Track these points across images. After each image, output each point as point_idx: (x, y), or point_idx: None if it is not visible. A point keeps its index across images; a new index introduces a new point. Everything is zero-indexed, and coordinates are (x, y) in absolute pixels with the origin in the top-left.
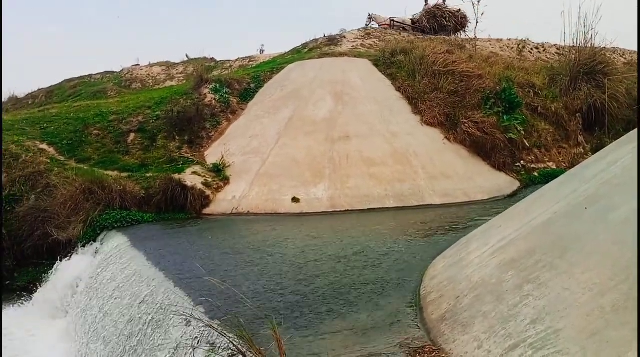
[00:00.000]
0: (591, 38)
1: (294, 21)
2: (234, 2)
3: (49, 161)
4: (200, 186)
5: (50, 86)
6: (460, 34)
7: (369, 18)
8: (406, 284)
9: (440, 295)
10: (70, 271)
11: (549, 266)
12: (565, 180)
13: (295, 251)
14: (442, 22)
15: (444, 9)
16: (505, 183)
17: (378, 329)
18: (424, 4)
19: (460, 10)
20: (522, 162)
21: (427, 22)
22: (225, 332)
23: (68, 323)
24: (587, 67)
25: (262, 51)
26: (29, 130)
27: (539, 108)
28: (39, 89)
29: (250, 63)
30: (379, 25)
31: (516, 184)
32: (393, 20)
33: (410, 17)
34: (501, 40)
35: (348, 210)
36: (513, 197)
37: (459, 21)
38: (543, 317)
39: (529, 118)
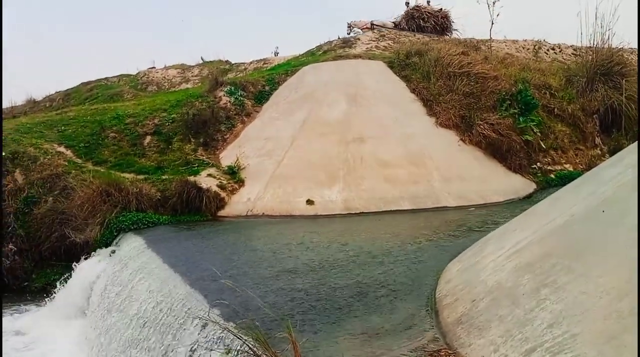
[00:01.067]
0: (608, 39)
1: (308, 23)
2: (248, 5)
3: (66, 164)
4: (215, 188)
5: (67, 89)
6: (446, 33)
7: (349, 26)
8: (421, 287)
9: (455, 298)
10: (87, 273)
11: (566, 270)
12: (582, 182)
13: (310, 253)
14: (419, 23)
15: (422, 10)
16: (521, 185)
17: (393, 333)
18: (405, 5)
19: (441, 9)
20: (538, 164)
21: (406, 23)
22: (241, 334)
23: (86, 324)
24: (604, 68)
25: (276, 53)
26: (46, 133)
27: (556, 109)
28: (56, 92)
29: (265, 65)
30: (362, 31)
31: (532, 186)
32: (373, 24)
33: (392, 20)
34: (517, 41)
35: (362, 212)
36: (529, 199)
37: (439, 21)
38: (560, 321)
39: (545, 119)
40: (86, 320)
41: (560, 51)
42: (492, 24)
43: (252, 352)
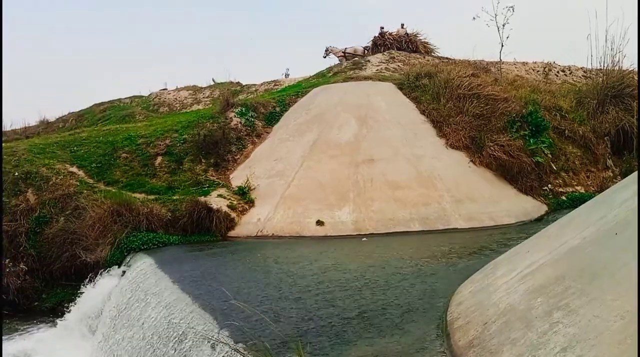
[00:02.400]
0: (619, 61)
1: (319, 45)
2: (259, 26)
3: (78, 184)
4: (225, 209)
5: (80, 110)
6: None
7: (326, 51)
8: (432, 309)
9: (467, 321)
10: (97, 293)
11: (579, 293)
12: (594, 205)
13: (320, 274)
14: (383, 49)
15: (387, 35)
16: (532, 207)
17: (404, 355)
18: (380, 29)
19: (407, 34)
20: (549, 186)
21: (372, 49)
22: (250, 356)
23: (96, 344)
24: (615, 90)
25: (287, 75)
26: (59, 153)
27: (566, 131)
28: (69, 113)
29: (276, 87)
30: (337, 57)
31: (543, 208)
32: (346, 51)
33: (363, 46)
34: (527, 63)
35: (373, 233)
36: (540, 222)
37: (402, 45)
38: (573, 345)
39: (556, 141)
40: (96, 340)
41: (570, 73)
42: (502, 46)
43: None
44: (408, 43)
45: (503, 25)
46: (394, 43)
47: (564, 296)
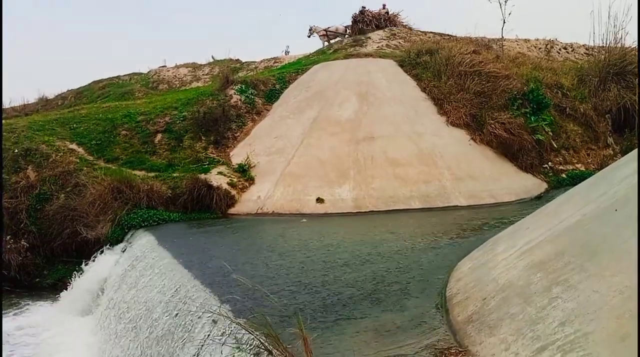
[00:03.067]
0: (621, 38)
1: (319, 22)
2: (259, 3)
3: (78, 161)
4: (225, 186)
5: (79, 87)
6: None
7: (310, 30)
8: (431, 285)
9: (466, 297)
10: (99, 269)
11: (579, 268)
12: (594, 182)
13: (320, 250)
14: (362, 27)
15: (366, 13)
16: (532, 185)
17: (403, 330)
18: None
19: (387, 12)
20: (549, 163)
21: (352, 27)
22: (252, 330)
23: (97, 320)
24: (617, 67)
25: (287, 52)
26: (59, 131)
27: (567, 109)
28: (68, 90)
29: (276, 64)
30: (319, 36)
31: (544, 186)
32: (328, 30)
33: (344, 25)
34: (529, 40)
35: (373, 211)
36: (540, 199)
37: (381, 24)
38: (572, 319)
39: (557, 119)
40: (96, 316)
41: (572, 50)
42: (504, 22)
43: (262, 347)
44: (387, 21)
45: (505, 2)
46: (373, 21)
47: (563, 271)
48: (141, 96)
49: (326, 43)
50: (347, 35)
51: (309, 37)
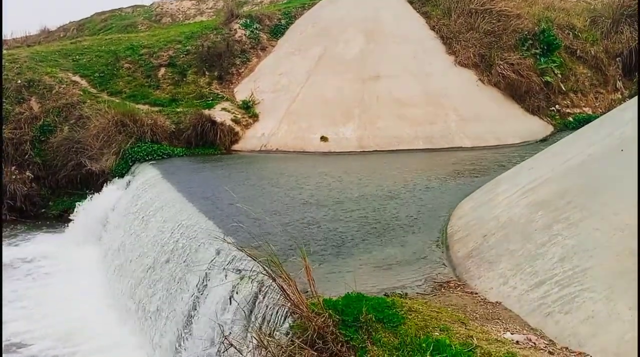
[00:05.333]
0: None
1: None
2: None
3: (81, 93)
4: (229, 122)
5: (81, 19)
6: None
7: None
8: (433, 223)
9: (467, 234)
10: (104, 200)
11: (580, 207)
12: (601, 123)
13: (324, 188)
14: None
15: None
16: (538, 127)
17: (404, 264)
18: None
19: None
20: (557, 106)
21: None
22: (255, 256)
23: (102, 249)
24: (630, 9)
25: None
26: (61, 62)
27: (578, 51)
28: (70, 22)
29: None
30: None
31: (550, 129)
32: None
33: None
34: None
35: (377, 150)
36: (545, 142)
37: None
38: (571, 256)
39: (567, 61)
40: (102, 245)
41: None
42: None
43: (266, 274)
44: None
45: None
46: None
47: (565, 209)
48: (144, 29)
49: None
50: None
51: None
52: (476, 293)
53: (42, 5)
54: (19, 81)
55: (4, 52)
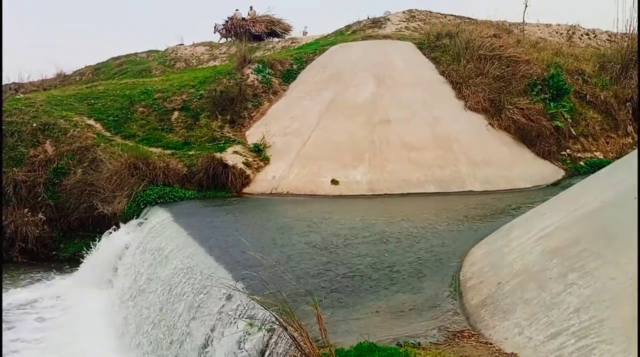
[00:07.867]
0: None
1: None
2: None
3: (95, 136)
4: (241, 165)
5: (97, 64)
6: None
7: (215, 27)
8: (445, 269)
9: (480, 281)
10: (115, 244)
11: (595, 255)
12: (613, 169)
13: (335, 232)
14: (237, 30)
15: (234, 20)
16: (549, 172)
17: (417, 312)
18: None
19: (243, 18)
20: (568, 150)
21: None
22: (266, 305)
23: (113, 293)
24: None
25: (305, 33)
26: (77, 106)
27: (588, 96)
28: (86, 66)
29: (293, 44)
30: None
31: (561, 173)
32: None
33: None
34: (550, 25)
35: (387, 194)
36: (556, 186)
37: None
38: (587, 306)
39: (577, 106)
40: (113, 289)
41: (594, 36)
42: (526, 6)
43: (277, 323)
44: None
45: None
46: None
47: (579, 258)
48: (158, 74)
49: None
50: None
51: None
52: (491, 343)
53: (58, 48)
54: (35, 124)
55: (21, 96)
